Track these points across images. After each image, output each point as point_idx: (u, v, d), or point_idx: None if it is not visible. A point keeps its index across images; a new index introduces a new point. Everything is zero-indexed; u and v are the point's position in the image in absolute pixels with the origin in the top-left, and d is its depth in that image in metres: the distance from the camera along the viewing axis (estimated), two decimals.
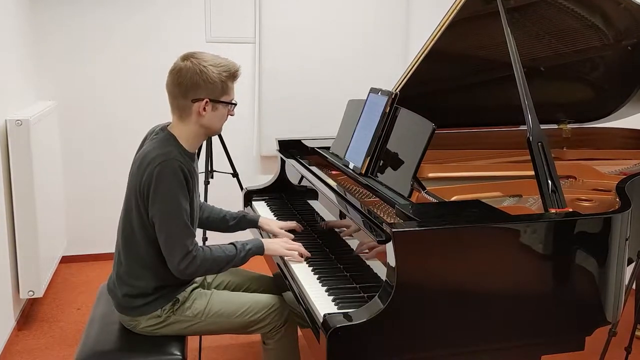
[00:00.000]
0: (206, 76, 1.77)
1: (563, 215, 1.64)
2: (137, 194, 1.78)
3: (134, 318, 1.87)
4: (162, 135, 1.84)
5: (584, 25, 2.26)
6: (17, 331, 2.84)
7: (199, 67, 1.77)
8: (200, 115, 1.81)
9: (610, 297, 1.66)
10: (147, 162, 1.76)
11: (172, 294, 1.87)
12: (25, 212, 2.78)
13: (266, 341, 1.97)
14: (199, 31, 3.73)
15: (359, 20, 3.92)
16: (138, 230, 1.81)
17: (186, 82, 1.77)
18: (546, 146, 1.74)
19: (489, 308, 1.56)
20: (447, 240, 1.52)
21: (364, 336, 1.46)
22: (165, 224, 1.75)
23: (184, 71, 1.77)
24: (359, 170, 2.11)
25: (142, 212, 1.78)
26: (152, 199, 1.74)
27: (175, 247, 1.75)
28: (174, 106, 1.84)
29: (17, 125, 2.70)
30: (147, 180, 1.74)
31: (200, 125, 1.84)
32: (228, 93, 1.83)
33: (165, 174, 1.72)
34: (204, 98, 1.79)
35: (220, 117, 1.85)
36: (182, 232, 1.76)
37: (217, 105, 1.82)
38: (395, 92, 2.13)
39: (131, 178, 1.83)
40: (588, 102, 2.69)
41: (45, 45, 3.50)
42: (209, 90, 1.79)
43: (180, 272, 1.78)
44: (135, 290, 1.84)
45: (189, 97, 1.79)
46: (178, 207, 1.74)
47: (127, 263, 1.85)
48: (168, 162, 1.73)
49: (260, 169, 3.98)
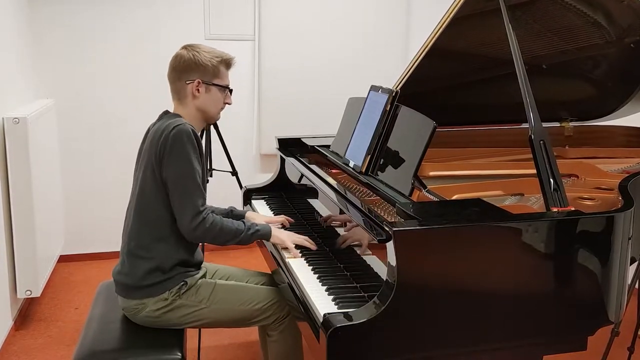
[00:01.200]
0: (198, 59, 1.92)
1: (565, 214, 1.63)
2: (153, 161, 1.86)
3: (141, 301, 1.88)
4: (169, 115, 1.96)
5: (586, 23, 2.25)
6: (15, 331, 2.84)
7: (192, 53, 1.94)
8: (195, 97, 1.94)
9: (612, 297, 1.65)
10: (162, 130, 1.86)
11: (182, 277, 1.90)
12: (22, 211, 2.77)
13: (270, 333, 2.00)
14: (198, 28, 3.71)
15: (360, 17, 3.91)
16: (154, 200, 1.87)
17: (180, 66, 1.93)
18: (548, 144, 1.73)
19: (490, 308, 1.55)
20: (448, 240, 1.51)
21: (364, 336, 1.46)
22: (179, 182, 1.83)
23: (179, 57, 1.95)
24: (359, 168, 2.10)
25: (157, 180, 1.86)
26: (168, 160, 1.83)
27: (187, 205, 1.83)
28: (173, 90, 1.98)
29: (14, 124, 2.69)
30: (162, 145, 1.84)
31: (197, 108, 1.95)
32: (220, 77, 1.97)
33: (179, 137, 1.82)
34: (196, 79, 1.92)
35: (215, 100, 1.97)
36: (195, 192, 1.84)
37: (210, 87, 1.95)
38: (396, 90, 2.12)
39: (145, 151, 1.92)
40: (590, 100, 2.68)
41: (43, 42, 3.49)
42: (201, 71, 1.93)
43: (189, 232, 1.85)
44: (151, 263, 1.87)
45: (183, 79, 1.94)
46: (191, 167, 1.83)
47: (138, 237, 1.89)
48: (182, 127, 1.84)
49: (259, 168, 3.97)
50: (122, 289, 1.93)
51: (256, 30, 3.79)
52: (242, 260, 3.62)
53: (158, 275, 1.88)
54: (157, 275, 1.88)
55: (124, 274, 1.92)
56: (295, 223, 2.25)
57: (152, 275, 1.88)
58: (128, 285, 1.90)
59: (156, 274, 1.88)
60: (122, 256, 1.95)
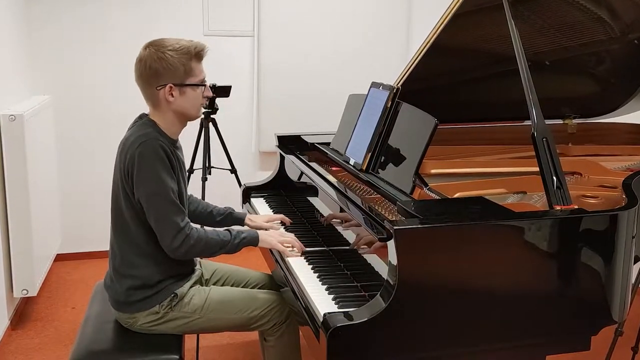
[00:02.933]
0: (165, 63, 1.76)
1: (568, 212, 1.62)
2: (122, 179, 1.79)
3: (132, 315, 1.84)
4: (141, 122, 1.85)
5: (589, 18, 2.24)
6: (11, 330, 2.82)
7: (157, 54, 1.76)
8: (169, 102, 1.81)
9: (616, 296, 1.64)
10: (128, 145, 1.77)
11: (171, 289, 1.85)
12: (19, 209, 2.75)
13: (267, 338, 1.96)
14: (196, 24, 3.69)
15: (360, 13, 3.89)
16: (128, 216, 1.80)
17: (147, 71, 1.78)
18: (551, 142, 1.72)
19: (492, 307, 1.55)
20: (449, 238, 1.50)
21: (364, 336, 1.45)
22: (153, 203, 1.74)
23: (143, 60, 1.78)
24: (359, 166, 2.09)
25: (129, 196, 1.79)
26: (137, 181, 1.74)
27: (165, 225, 1.75)
28: (145, 96, 1.85)
29: (10, 121, 2.68)
30: (129, 163, 1.75)
31: (174, 112, 1.83)
32: (193, 74, 1.81)
33: (146, 154, 1.72)
34: (167, 84, 1.78)
35: (193, 100, 1.83)
36: (171, 210, 1.75)
37: (184, 88, 1.80)
38: (397, 87, 2.11)
39: (116, 166, 1.84)
40: (594, 97, 2.67)
41: (39, 38, 3.47)
42: (170, 74, 1.78)
43: (173, 251, 1.77)
44: (136, 281, 1.82)
45: (153, 85, 1.79)
46: (163, 185, 1.74)
47: (121, 254, 1.84)
48: (148, 142, 1.73)
49: (259, 165, 3.95)
50: (112, 302, 1.89)
51: (255, 26, 3.77)
52: (242, 259, 3.57)
53: (145, 291, 1.82)
54: (145, 291, 1.82)
55: (112, 289, 1.88)
56: (295, 222, 2.24)
57: (138, 291, 1.82)
58: (117, 300, 1.86)
59: (143, 290, 1.82)
60: (109, 269, 1.91)
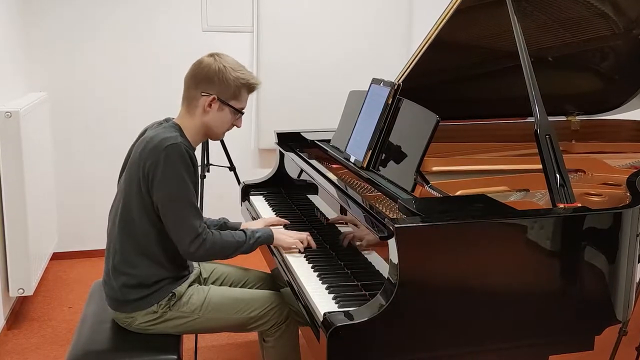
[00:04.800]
0: (222, 75, 1.82)
1: (572, 210, 1.61)
2: (139, 179, 1.78)
3: (129, 314, 1.84)
4: (168, 124, 1.86)
5: (593, 14, 2.23)
6: (7, 330, 2.80)
7: (219, 65, 1.83)
8: (205, 111, 1.84)
9: (620, 295, 1.64)
10: (153, 146, 1.77)
11: (168, 288, 1.84)
12: (15, 207, 2.73)
13: (266, 339, 1.95)
14: (195, 20, 3.67)
15: (361, 8, 3.88)
16: (137, 214, 1.80)
17: (202, 74, 1.83)
18: (554, 139, 1.72)
19: (494, 306, 1.54)
20: (451, 237, 1.50)
21: (365, 335, 1.44)
22: (173, 207, 1.76)
23: (204, 64, 1.84)
24: (360, 163, 2.08)
25: (144, 197, 1.79)
26: (159, 182, 1.75)
27: (184, 229, 1.77)
28: (185, 96, 1.88)
29: (6, 118, 2.66)
30: (153, 164, 1.75)
31: (203, 123, 1.86)
32: (239, 100, 1.87)
33: (173, 157, 1.74)
34: (213, 94, 1.83)
35: (225, 120, 1.88)
36: (190, 214, 1.77)
37: (224, 106, 1.85)
38: (398, 83, 2.10)
39: (131, 165, 1.83)
40: (597, 94, 2.66)
41: (36, 34, 3.44)
42: (221, 88, 1.83)
43: (190, 255, 1.81)
44: (133, 280, 1.82)
45: (200, 88, 1.84)
46: (186, 190, 1.76)
47: (122, 252, 1.84)
48: (175, 146, 1.75)
49: (258, 163, 3.94)
50: (109, 301, 1.88)
51: (254, 22, 3.75)
52: (241, 259, 3.56)
53: (143, 290, 1.82)
54: (142, 290, 1.82)
55: (109, 287, 1.87)
56: (294, 220, 2.24)
57: (136, 290, 1.82)
58: (114, 299, 1.86)
59: (140, 289, 1.82)
60: (106, 267, 1.90)
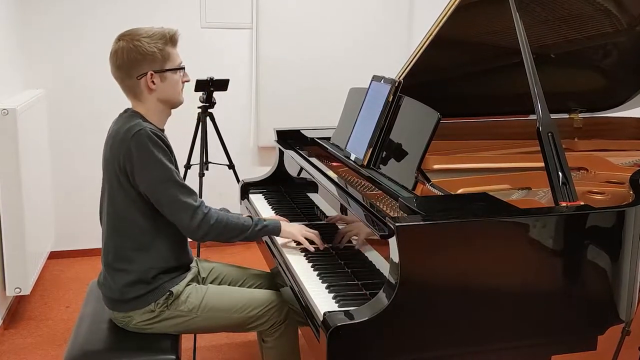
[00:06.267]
0: (143, 50, 1.78)
1: (574, 208, 1.61)
2: (117, 172, 1.77)
3: (127, 314, 1.82)
4: (127, 114, 1.85)
5: (596, 10, 2.22)
6: (4, 330, 2.80)
7: (133, 44, 1.79)
8: (151, 90, 1.82)
9: (623, 295, 1.63)
10: (120, 138, 1.76)
11: (167, 286, 1.83)
12: (11, 206, 2.73)
13: (265, 339, 1.93)
14: (194, 16, 3.66)
15: (361, 5, 3.87)
16: (128, 212, 1.79)
17: (125, 62, 1.80)
18: (556, 136, 1.71)
19: (496, 306, 1.54)
20: (452, 235, 1.49)
21: (366, 335, 1.43)
22: (161, 190, 1.75)
23: (119, 52, 1.80)
24: (360, 161, 2.08)
25: (127, 189, 1.78)
26: (138, 171, 1.74)
27: (179, 208, 1.76)
28: (125, 89, 1.85)
29: (3, 115, 2.66)
30: (126, 156, 1.74)
31: (157, 100, 1.84)
32: (171, 59, 1.83)
33: (142, 143, 1.73)
34: (147, 71, 1.80)
35: (173, 85, 1.85)
36: (181, 191, 1.76)
37: (165, 74, 1.82)
38: (399, 80, 2.09)
39: (107, 163, 1.83)
40: (600, 91, 2.65)
41: (33, 31, 3.43)
42: (149, 61, 1.80)
43: (193, 232, 1.78)
44: (131, 276, 1.80)
45: (133, 75, 1.81)
46: (166, 170, 1.75)
47: (115, 249, 1.83)
48: (142, 131, 1.74)
49: (257, 161, 3.93)
50: (106, 301, 1.87)
51: (254, 18, 3.74)
52: (240, 258, 3.58)
53: (141, 288, 1.80)
54: (140, 287, 1.80)
55: (106, 286, 1.86)
56: (294, 218, 2.22)
57: (134, 288, 1.80)
58: (111, 299, 1.84)
59: (138, 287, 1.80)
60: (102, 266, 1.89)
